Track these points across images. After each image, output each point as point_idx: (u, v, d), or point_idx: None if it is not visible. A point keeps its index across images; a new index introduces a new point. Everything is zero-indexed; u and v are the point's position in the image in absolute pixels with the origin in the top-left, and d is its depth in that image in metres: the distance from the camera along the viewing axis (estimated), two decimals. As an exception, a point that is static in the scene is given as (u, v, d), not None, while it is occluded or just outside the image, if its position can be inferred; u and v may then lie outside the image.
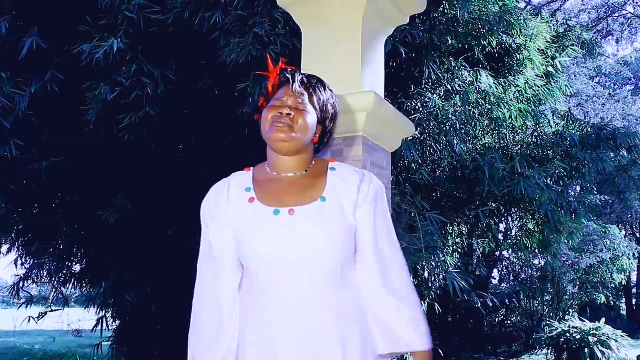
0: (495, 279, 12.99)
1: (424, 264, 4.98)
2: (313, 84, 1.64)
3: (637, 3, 15.16)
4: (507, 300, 11.51)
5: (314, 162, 1.65)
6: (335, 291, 1.51)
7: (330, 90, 1.68)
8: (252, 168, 1.68)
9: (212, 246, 1.60)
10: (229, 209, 1.58)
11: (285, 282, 1.49)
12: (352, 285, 1.55)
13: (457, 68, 5.08)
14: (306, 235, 1.49)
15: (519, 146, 5.88)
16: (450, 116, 4.95)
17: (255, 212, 1.55)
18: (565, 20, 7.21)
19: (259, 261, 1.51)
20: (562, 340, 8.92)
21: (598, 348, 8.49)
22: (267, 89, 1.66)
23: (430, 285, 6.38)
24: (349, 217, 1.54)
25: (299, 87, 1.60)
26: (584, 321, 9.34)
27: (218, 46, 3.91)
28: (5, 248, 6.00)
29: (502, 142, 5.89)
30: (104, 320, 5.82)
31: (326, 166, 1.64)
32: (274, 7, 3.69)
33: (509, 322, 11.96)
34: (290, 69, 1.65)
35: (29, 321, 5.97)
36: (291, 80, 1.61)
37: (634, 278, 18.22)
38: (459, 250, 7.13)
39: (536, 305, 11.94)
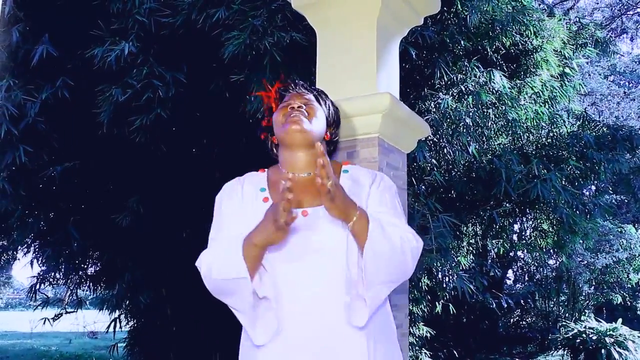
0: (510, 279, 12.90)
1: (438, 265, 4.94)
2: (315, 89, 1.77)
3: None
4: (522, 301, 11.44)
5: None
6: (344, 291, 1.50)
7: (331, 100, 1.81)
8: (266, 169, 1.71)
9: (228, 238, 1.56)
10: (243, 206, 1.61)
11: (299, 280, 1.50)
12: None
13: (470, 69, 5.04)
14: (318, 235, 1.52)
15: (534, 146, 5.82)
16: (464, 117, 4.91)
17: None
18: (578, 19, 7.14)
19: (272, 259, 1.52)
20: (578, 341, 8.83)
21: (615, 349, 8.40)
22: (270, 108, 1.75)
23: (444, 286, 6.35)
24: None
25: (303, 89, 1.71)
26: (600, 322, 9.24)
27: (220, 42, 3.91)
28: (21, 253, 6.05)
29: (516, 142, 5.83)
30: (118, 321, 5.84)
31: (339, 168, 1.68)
32: (273, 0, 3.69)
33: (524, 322, 11.87)
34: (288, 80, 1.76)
35: (44, 323, 6.02)
36: (294, 85, 1.72)
37: (650, 278, 17.99)
38: (473, 251, 7.08)
39: (551, 305, 11.84)
